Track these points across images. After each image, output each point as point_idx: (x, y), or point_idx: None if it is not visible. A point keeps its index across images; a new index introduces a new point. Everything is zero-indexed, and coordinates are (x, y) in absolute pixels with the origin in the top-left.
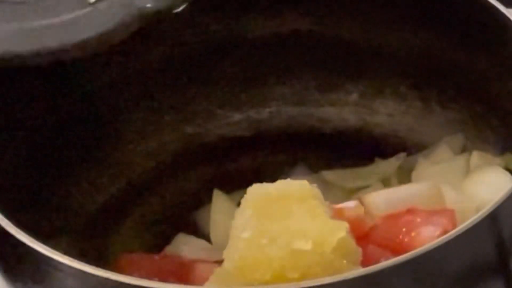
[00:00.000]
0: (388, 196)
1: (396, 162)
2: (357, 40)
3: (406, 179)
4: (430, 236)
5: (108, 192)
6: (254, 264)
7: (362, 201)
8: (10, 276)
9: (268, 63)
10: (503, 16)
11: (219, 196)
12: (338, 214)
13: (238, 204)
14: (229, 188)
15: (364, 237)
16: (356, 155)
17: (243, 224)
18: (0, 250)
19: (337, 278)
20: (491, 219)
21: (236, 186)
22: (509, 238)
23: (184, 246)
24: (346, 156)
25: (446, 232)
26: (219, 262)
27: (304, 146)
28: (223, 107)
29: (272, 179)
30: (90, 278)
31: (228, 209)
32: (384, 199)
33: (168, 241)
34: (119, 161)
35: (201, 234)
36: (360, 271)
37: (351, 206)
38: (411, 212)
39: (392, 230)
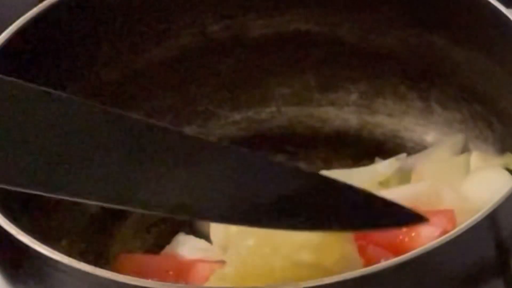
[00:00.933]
0: (388, 197)
1: (396, 162)
2: (357, 40)
3: (406, 179)
4: (430, 237)
5: None
6: (256, 272)
7: None
8: (10, 276)
9: (268, 63)
10: (503, 16)
11: None
12: None
13: None
14: None
15: (364, 237)
16: (356, 155)
17: (246, 230)
18: (0, 250)
19: (337, 278)
20: (491, 219)
21: None
22: (509, 238)
23: (183, 246)
24: (346, 156)
25: (446, 232)
26: (219, 262)
27: (304, 146)
28: (223, 107)
29: None
30: (90, 278)
31: None
32: None
33: (168, 241)
34: None
35: (200, 234)
36: (360, 271)
37: None
38: None
39: (392, 231)
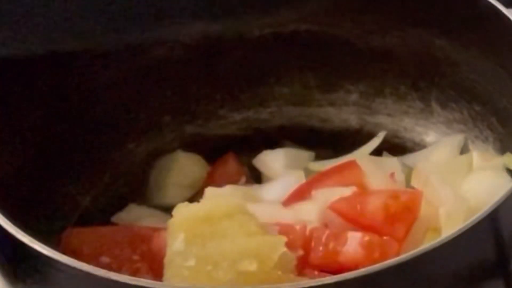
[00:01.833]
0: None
1: (376, 141)
2: (356, 40)
3: (406, 179)
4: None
5: (108, 192)
6: None
7: None
8: (10, 276)
9: (268, 63)
10: (503, 16)
11: None
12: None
13: None
14: None
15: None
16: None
17: (183, 251)
18: (0, 250)
19: (337, 278)
20: (491, 219)
21: None
22: (509, 238)
23: (137, 216)
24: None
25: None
26: None
27: (304, 146)
28: (223, 107)
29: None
30: (90, 278)
31: None
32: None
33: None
34: (119, 161)
35: (152, 204)
36: (360, 271)
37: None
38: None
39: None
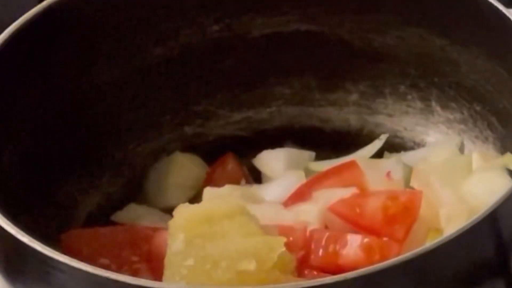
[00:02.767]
0: None
1: (378, 143)
2: (357, 40)
3: (406, 179)
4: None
5: (108, 192)
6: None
7: None
8: (10, 276)
9: (268, 63)
10: (503, 16)
11: None
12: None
13: None
14: None
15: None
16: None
17: (182, 251)
18: (0, 250)
19: (337, 278)
20: (491, 219)
21: None
22: (509, 238)
23: (137, 216)
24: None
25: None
26: None
27: (304, 146)
28: (223, 107)
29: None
30: (90, 278)
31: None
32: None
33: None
34: (119, 161)
35: (152, 204)
36: (360, 271)
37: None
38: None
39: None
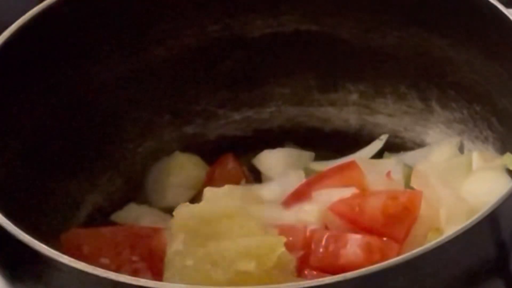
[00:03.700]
0: None
1: (379, 143)
2: (357, 40)
3: (406, 179)
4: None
5: (108, 192)
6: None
7: None
8: (10, 276)
9: (268, 63)
10: (503, 16)
11: None
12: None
13: None
14: None
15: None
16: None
17: (182, 251)
18: (0, 250)
19: (337, 278)
20: (491, 219)
21: None
22: (509, 238)
23: (137, 215)
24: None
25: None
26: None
27: (304, 146)
28: (223, 107)
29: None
30: (90, 278)
31: None
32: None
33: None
34: (119, 161)
35: (152, 204)
36: (360, 271)
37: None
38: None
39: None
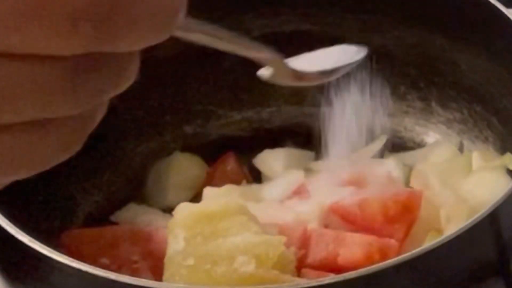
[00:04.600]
0: None
1: (379, 144)
2: (357, 40)
3: (406, 179)
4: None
5: (108, 192)
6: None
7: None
8: (10, 276)
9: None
10: (503, 16)
11: None
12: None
13: None
14: None
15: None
16: None
17: (182, 250)
18: (0, 250)
19: (337, 278)
20: (491, 219)
21: None
22: (509, 238)
23: (137, 215)
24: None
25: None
26: None
27: (304, 146)
28: (223, 107)
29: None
30: (90, 278)
31: None
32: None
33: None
34: (119, 161)
35: (152, 204)
36: (360, 271)
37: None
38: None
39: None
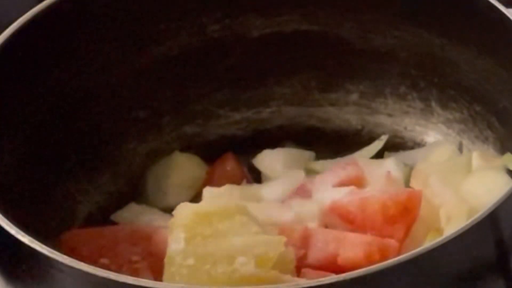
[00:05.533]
0: None
1: (379, 144)
2: (357, 40)
3: (406, 179)
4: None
5: (108, 192)
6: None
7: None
8: (10, 276)
9: (268, 63)
10: (503, 16)
11: None
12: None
13: None
14: None
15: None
16: None
17: (182, 250)
18: (0, 250)
19: (337, 278)
20: (491, 219)
21: None
22: (509, 238)
23: (137, 215)
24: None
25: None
26: None
27: (304, 146)
28: (223, 107)
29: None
30: (90, 278)
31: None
32: None
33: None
34: (119, 161)
35: (152, 204)
36: (360, 271)
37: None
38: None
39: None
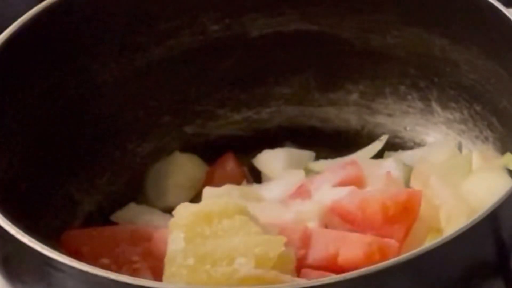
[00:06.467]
0: None
1: (379, 144)
2: (357, 40)
3: (406, 179)
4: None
5: (108, 192)
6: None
7: None
8: (10, 276)
9: (268, 63)
10: (503, 16)
11: None
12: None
13: None
14: None
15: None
16: None
17: (182, 250)
18: (0, 250)
19: (337, 278)
20: (491, 219)
21: None
22: (509, 238)
23: (137, 215)
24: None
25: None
26: None
27: (304, 146)
28: (223, 107)
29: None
30: (90, 278)
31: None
32: None
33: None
34: (119, 161)
35: (152, 204)
36: (360, 271)
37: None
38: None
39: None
